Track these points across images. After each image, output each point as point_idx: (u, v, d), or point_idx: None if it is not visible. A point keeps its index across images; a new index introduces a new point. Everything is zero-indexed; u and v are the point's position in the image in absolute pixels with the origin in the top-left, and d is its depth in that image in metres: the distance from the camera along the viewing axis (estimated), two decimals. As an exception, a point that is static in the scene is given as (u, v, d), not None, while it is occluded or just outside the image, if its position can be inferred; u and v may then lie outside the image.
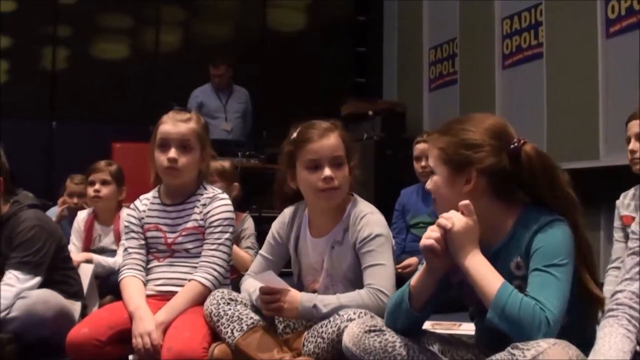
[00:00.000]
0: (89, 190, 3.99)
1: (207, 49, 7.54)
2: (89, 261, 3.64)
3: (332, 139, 2.43)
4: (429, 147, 2.03)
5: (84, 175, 4.24)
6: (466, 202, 1.86)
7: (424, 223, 4.30)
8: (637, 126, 3.12)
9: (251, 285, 2.43)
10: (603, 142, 4.85)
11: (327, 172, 2.38)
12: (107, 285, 3.59)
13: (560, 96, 5.29)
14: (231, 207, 2.73)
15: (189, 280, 2.60)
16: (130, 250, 2.71)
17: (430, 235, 1.86)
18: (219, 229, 2.66)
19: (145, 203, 2.77)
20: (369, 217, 2.40)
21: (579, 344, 1.73)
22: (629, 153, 3.16)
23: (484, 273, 1.80)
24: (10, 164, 2.93)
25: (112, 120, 6.99)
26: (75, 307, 2.92)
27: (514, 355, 1.67)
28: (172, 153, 2.64)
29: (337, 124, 2.50)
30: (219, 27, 8.02)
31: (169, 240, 2.69)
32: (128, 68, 7.49)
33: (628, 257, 1.81)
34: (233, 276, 3.05)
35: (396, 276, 2.36)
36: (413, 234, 4.39)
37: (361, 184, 2.55)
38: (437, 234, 1.85)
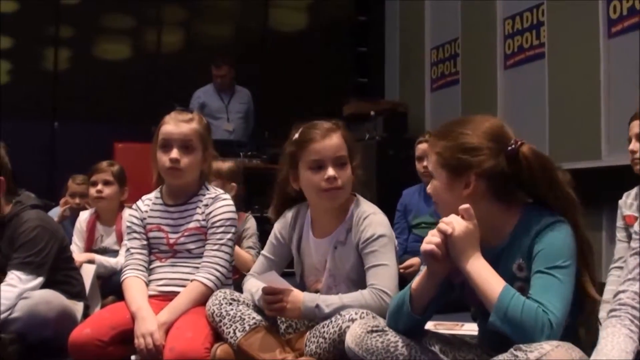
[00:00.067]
0: (91, 191, 3.99)
1: (209, 49, 7.54)
2: (91, 261, 3.64)
3: (335, 138, 2.43)
4: (428, 151, 2.03)
5: (86, 175, 4.23)
6: (466, 206, 1.85)
7: (426, 223, 4.29)
8: (637, 127, 3.12)
9: (253, 285, 2.43)
10: (605, 142, 4.84)
11: (331, 172, 2.38)
12: (109, 285, 3.59)
13: (562, 96, 5.28)
14: (233, 208, 2.73)
15: (191, 280, 2.59)
16: (132, 250, 2.71)
17: (431, 241, 1.86)
18: (221, 229, 2.66)
19: (148, 203, 2.77)
20: (371, 218, 2.40)
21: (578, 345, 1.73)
22: (629, 153, 3.16)
23: (486, 277, 1.80)
24: (12, 164, 2.93)
25: (114, 120, 6.99)
26: (78, 307, 2.92)
27: (517, 356, 1.67)
28: (174, 153, 2.64)
29: (339, 124, 2.50)
30: (221, 27, 8.02)
31: (171, 241, 2.69)
32: (130, 68, 7.48)
33: (630, 257, 1.81)
34: (235, 276, 3.05)
35: (399, 276, 2.36)
36: (415, 234, 4.38)
37: (363, 184, 2.55)
38: (437, 239, 1.85)
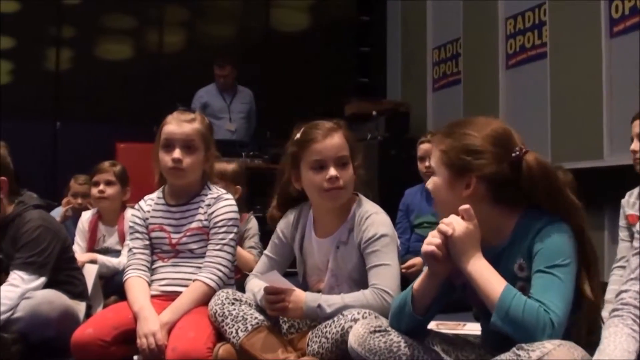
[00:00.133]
0: (93, 191, 3.98)
1: (211, 49, 7.54)
2: (93, 261, 3.64)
3: (337, 138, 2.43)
4: (432, 148, 2.02)
5: (88, 175, 4.24)
6: (466, 206, 1.85)
7: (428, 223, 4.29)
8: (639, 126, 3.12)
9: (256, 285, 2.43)
10: (607, 141, 4.84)
11: (332, 172, 2.38)
12: (111, 285, 3.60)
13: (564, 96, 5.28)
14: (235, 208, 2.73)
15: (194, 280, 2.60)
16: (134, 250, 2.71)
17: (431, 242, 1.86)
18: (223, 229, 2.66)
19: (150, 203, 2.78)
20: (374, 217, 2.40)
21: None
22: (632, 153, 3.16)
23: (487, 277, 1.80)
24: (15, 164, 2.93)
25: (116, 120, 7.00)
26: (80, 307, 2.92)
27: (519, 356, 1.67)
28: (177, 153, 2.64)
29: (341, 124, 2.49)
30: (222, 27, 8.02)
31: (174, 241, 2.69)
32: (132, 68, 7.49)
33: (633, 256, 1.80)
34: (237, 276, 3.05)
35: (401, 276, 2.36)
36: (417, 234, 4.38)
37: (365, 184, 2.55)
38: (438, 240, 1.85)
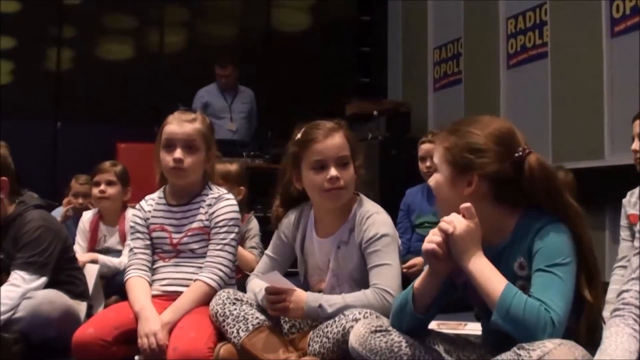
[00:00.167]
0: (94, 191, 3.99)
1: (211, 49, 7.55)
2: (94, 261, 3.64)
3: (337, 138, 2.42)
4: (436, 145, 2.02)
5: (89, 175, 4.24)
6: (467, 204, 1.85)
7: (429, 223, 4.29)
8: (638, 126, 3.12)
9: (257, 285, 2.43)
10: (608, 141, 4.84)
11: (333, 172, 2.37)
12: (112, 285, 3.60)
13: (565, 96, 5.28)
14: (237, 208, 2.73)
15: (195, 280, 2.59)
16: (135, 250, 2.71)
17: (432, 240, 1.85)
18: (224, 229, 2.66)
19: (151, 203, 2.77)
20: (375, 217, 2.40)
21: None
22: (632, 152, 3.16)
23: (488, 275, 1.80)
24: (15, 164, 2.93)
25: (116, 120, 7.01)
26: (81, 307, 2.92)
27: (520, 355, 1.67)
28: (178, 153, 2.64)
29: (342, 124, 2.49)
30: (223, 27, 8.02)
31: (175, 241, 2.69)
32: (132, 68, 7.49)
33: (634, 256, 1.80)
34: (238, 276, 3.05)
35: (402, 276, 2.35)
36: (418, 234, 4.38)
37: (366, 183, 2.55)
38: (438, 238, 1.85)
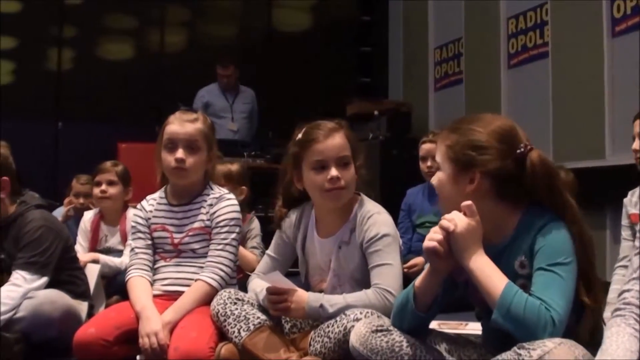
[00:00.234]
0: (95, 191, 3.99)
1: (212, 49, 7.55)
2: (95, 261, 3.64)
3: (338, 138, 2.42)
4: (438, 143, 2.02)
5: (90, 175, 4.25)
6: (468, 202, 1.85)
7: (430, 222, 4.29)
8: (639, 126, 3.12)
9: (258, 285, 2.43)
10: (609, 141, 4.84)
11: (334, 172, 2.37)
12: (113, 285, 3.60)
13: (566, 95, 5.28)
14: (238, 207, 2.73)
15: (196, 280, 2.59)
16: (137, 250, 2.71)
17: (433, 237, 1.85)
18: (225, 229, 2.65)
19: (152, 203, 2.77)
20: (376, 217, 2.39)
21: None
22: (633, 152, 3.16)
23: (489, 274, 1.80)
24: (16, 164, 2.93)
25: (117, 120, 7.01)
26: (82, 307, 2.92)
27: (520, 355, 1.67)
28: (180, 153, 2.64)
29: (342, 124, 2.49)
30: (224, 27, 8.03)
31: (176, 241, 2.69)
32: (133, 68, 7.50)
33: (635, 256, 1.80)
34: (239, 276, 3.05)
35: (403, 276, 2.35)
36: (419, 234, 4.38)
37: (367, 183, 2.55)
38: (439, 236, 1.85)
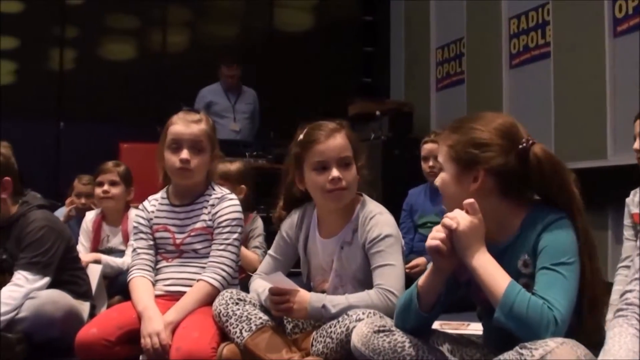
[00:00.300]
0: (98, 191, 3.99)
1: (214, 49, 7.54)
2: (97, 261, 3.64)
3: (339, 139, 2.42)
4: (439, 144, 2.02)
5: (91, 175, 4.25)
6: (470, 200, 1.85)
7: (431, 223, 4.29)
8: (639, 126, 3.12)
9: (260, 285, 2.43)
10: (611, 141, 4.83)
11: (335, 172, 2.37)
12: (115, 285, 3.60)
13: (568, 95, 5.28)
14: (239, 208, 2.73)
15: (198, 280, 2.60)
16: (139, 250, 2.72)
17: (436, 236, 1.85)
18: (227, 229, 2.66)
19: (154, 204, 2.78)
20: (378, 218, 2.39)
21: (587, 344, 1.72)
22: (634, 152, 3.16)
23: (492, 272, 1.80)
24: (18, 164, 2.94)
25: (119, 120, 7.00)
26: (84, 307, 2.92)
27: (522, 354, 1.66)
28: (185, 154, 2.64)
29: (344, 124, 2.49)
30: (226, 27, 8.02)
31: (178, 241, 2.70)
32: (135, 68, 7.49)
33: (638, 256, 1.80)
34: (241, 276, 3.05)
35: (405, 276, 2.35)
36: (421, 234, 4.38)
37: (369, 184, 2.55)
38: (442, 235, 1.85)
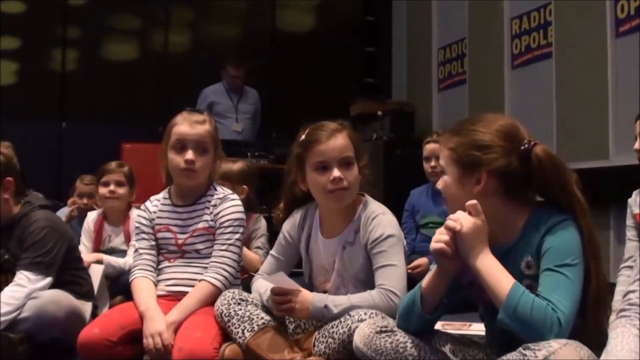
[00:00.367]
0: (103, 191, 3.98)
1: (216, 49, 7.54)
2: (99, 262, 3.65)
3: (340, 139, 2.42)
4: (440, 147, 2.02)
5: (93, 176, 4.24)
6: (473, 202, 1.85)
7: (433, 223, 4.29)
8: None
9: (262, 285, 2.44)
10: (613, 141, 4.83)
11: (336, 173, 2.37)
12: (117, 285, 3.60)
13: (570, 96, 5.27)
14: (241, 208, 2.73)
15: (200, 280, 2.60)
16: (141, 251, 2.72)
17: (440, 239, 1.85)
18: (229, 229, 2.66)
19: (156, 204, 2.78)
20: (380, 218, 2.39)
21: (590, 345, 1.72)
22: (635, 152, 3.16)
23: (495, 274, 1.80)
24: (20, 164, 2.94)
25: (121, 120, 7.00)
26: (86, 307, 2.92)
27: (526, 355, 1.66)
28: (190, 155, 2.64)
29: (345, 124, 2.49)
30: (228, 28, 8.02)
31: (180, 241, 2.70)
32: (137, 69, 7.49)
33: (640, 256, 1.81)
34: (243, 276, 3.05)
35: (407, 277, 2.35)
36: (423, 234, 4.38)
37: (370, 184, 2.55)
38: (446, 237, 1.85)
